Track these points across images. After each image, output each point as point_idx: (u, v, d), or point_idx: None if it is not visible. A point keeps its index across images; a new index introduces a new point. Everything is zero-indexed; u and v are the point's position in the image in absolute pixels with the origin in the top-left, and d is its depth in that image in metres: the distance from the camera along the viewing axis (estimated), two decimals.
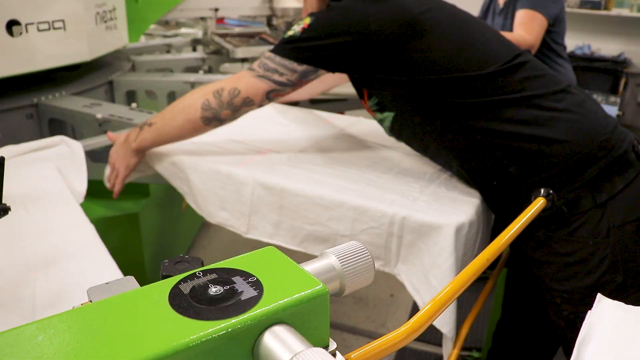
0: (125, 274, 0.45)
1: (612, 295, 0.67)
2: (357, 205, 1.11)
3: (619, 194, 1.07)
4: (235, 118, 1.25)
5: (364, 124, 1.58)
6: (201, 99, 1.22)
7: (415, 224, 1.08)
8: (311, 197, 1.15)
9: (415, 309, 2.27)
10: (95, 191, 1.34)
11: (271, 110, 1.69)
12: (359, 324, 2.24)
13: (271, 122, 1.58)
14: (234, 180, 1.23)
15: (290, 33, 1.17)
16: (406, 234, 1.09)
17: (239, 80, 1.21)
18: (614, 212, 1.07)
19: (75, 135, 1.86)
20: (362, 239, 1.11)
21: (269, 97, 1.21)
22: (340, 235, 1.14)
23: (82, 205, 1.06)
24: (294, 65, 1.16)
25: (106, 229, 1.05)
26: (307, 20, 1.16)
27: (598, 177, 1.07)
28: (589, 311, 0.57)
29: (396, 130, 1.26)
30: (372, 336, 2.11)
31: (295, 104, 2.01)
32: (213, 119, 1.23)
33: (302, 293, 0.36)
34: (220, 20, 3.74)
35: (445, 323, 1.09)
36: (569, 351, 1.20)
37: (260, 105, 1.23)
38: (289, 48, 1.17)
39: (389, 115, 1.23)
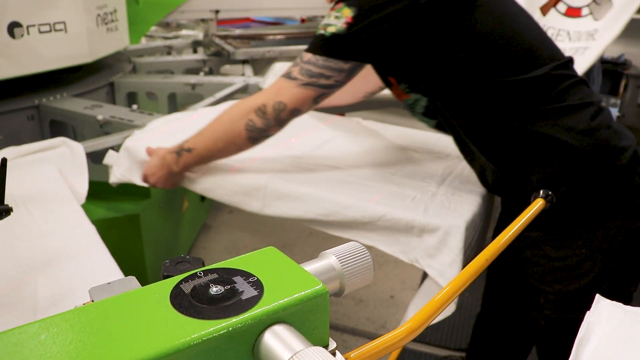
0: (126, 275, 0.45)
1: None
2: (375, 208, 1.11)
3: (621, 207, 1.06)
4: (282, 129, 1.18)
5: (364, 125, 1.58)
6: (243, 119, 1.14)
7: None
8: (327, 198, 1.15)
9: None
10: (96, 192, 1.34)
11: None
12: (359, 325, 2.24)
13: None
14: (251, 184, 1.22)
15: (331, 29, 1.06)
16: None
17: (281, 92, 1.12)
18: (611, 223, 1.06)
19: (76, 137, 1.87)
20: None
21: (317, 101, 1.14)
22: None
23: (83, 206, 1.07)
24: (341, 64, 1.08)
25: (107, 230, 1.05)
26: (348, 12, 1.04)
27: (608, 191, 1.05)
28: (588, 312, 0.58)
29: (431, 112, 1.19)
30: (372, 337, 2.11)
31: None
32: (260, 137, 1.17)
33: (302, 293, 0.36)
34: (250, 19, 3.72)
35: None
36: (543, 350, 1.20)
37: (308, 110, 1.16)
38: (334, 47, 1.06)
39: (422, 98, 1.17)
